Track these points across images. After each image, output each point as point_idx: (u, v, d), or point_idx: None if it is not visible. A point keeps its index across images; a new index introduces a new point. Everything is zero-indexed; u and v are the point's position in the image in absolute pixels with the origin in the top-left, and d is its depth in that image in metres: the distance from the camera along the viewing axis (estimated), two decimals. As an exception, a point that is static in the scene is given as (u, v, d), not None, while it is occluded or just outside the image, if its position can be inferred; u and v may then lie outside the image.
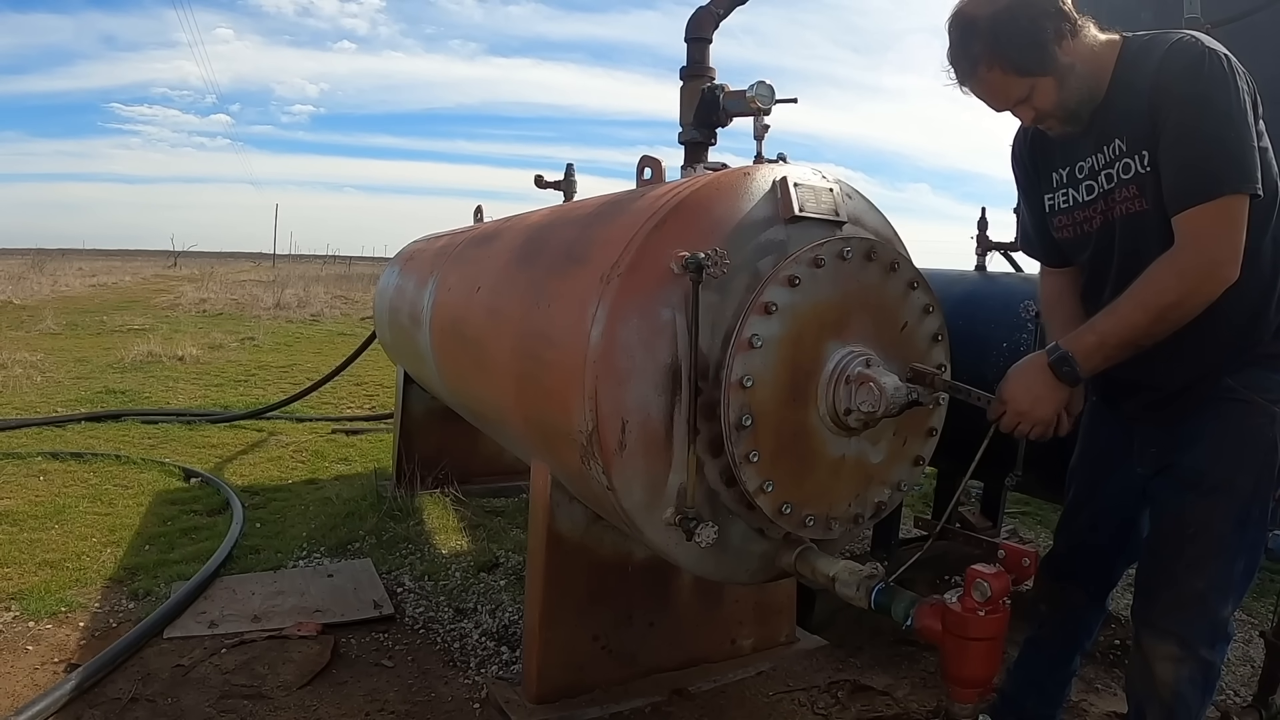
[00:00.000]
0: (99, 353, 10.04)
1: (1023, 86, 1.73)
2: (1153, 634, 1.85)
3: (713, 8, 2.79)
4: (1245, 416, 1.74)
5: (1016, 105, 1.77)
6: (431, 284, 3.52)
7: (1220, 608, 1.79)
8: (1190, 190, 1.61)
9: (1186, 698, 1.81)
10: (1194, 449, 1.79)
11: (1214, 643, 1.81)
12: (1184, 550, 1.79)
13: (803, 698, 2.63)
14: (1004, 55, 1.69)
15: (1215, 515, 1.76)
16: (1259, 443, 1.75)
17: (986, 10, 1.68)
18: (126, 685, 2.60)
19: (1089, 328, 1.74)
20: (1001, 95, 1.77)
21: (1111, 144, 1.76)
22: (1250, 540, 1.79)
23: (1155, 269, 1.65)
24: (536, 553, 2.46)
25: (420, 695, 2.65)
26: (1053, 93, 1.73)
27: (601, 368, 1.89)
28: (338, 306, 19.15)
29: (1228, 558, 1.77)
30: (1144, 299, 1.66)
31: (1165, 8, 3.99)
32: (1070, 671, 2.22)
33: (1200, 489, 1.77)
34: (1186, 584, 1.79)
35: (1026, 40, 1.66)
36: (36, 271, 25.31)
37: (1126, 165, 1.74)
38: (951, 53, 1.77)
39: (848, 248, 1.95)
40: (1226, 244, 1.60)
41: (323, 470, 5.34)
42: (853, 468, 2.05)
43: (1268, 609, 3.30)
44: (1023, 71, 1.70)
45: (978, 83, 1.77)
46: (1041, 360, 1.76)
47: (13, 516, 4.08)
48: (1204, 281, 1.62)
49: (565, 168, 4.09)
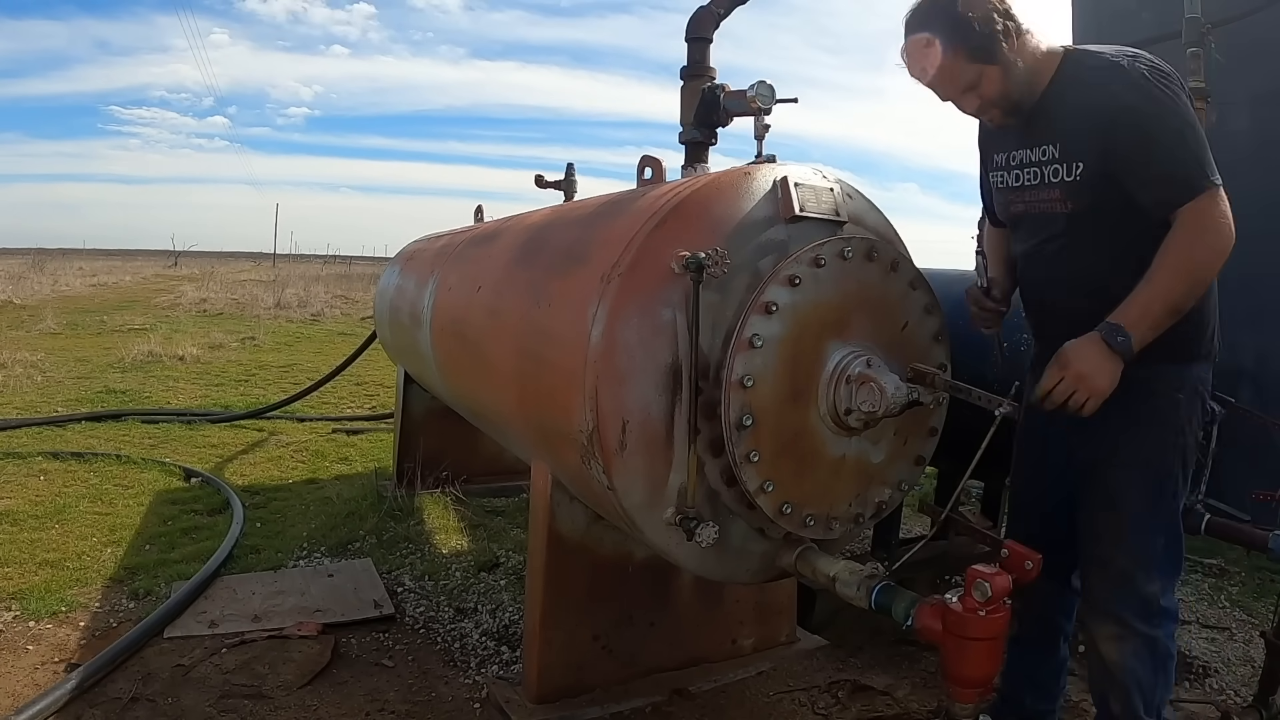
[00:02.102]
0: (99, 352, 10.04)
1: (972, 72, 1.88)
2: (1094, 615, 1.99)
3: (713, 7, 2.79)
4: (1152, 401, 1.90)
5: (964, 92, 1.92)
6: (432, 284, 3.52)
7: (1147, 583, 1.90)
8: (1174, 195, 1.76)
9: (1137, 673, 1.90)
10: (1111, 426, 1.91)
11: (1149, 618, 1.90)
12: (1106, 530, 1.95)
13: (803, 698, 2.63)
14: (963, 39, 1.84)
15: (1130, 489, 1.91)
16: (1167, 425, 1.92)
17: (942, 4, 1.86)
18: (127, 685, 2.60)
19: (1130, 302, 1.78)
20: (952, 80, 1.91)
21: (1042, 146, 1.94)
22: (1167, 515, 1.93)
23: (1174, 238, 1.76)
24: (537, 553, 2.46)
25: (420, 695, 2.65)
26: (998, 82, 1.89)
27: (602, 367, 1.89)
28: (338, 306, 19.15)
29: (1147, 533, 1.91)
30: (1176, 265, 1.76)
31: (1165, 8, 3.99)
32: (1060, 660, 2.26)
33: (1117, 463, 1.93)
34: (1112, 562, 1.94)
35: (983, 29, 1.83)
36: (37, 271, 25.31)
37: (1055, 171, 1.92)
38: (910, 36, 1.91)
39: (848, 247, 1.95)
40: (1224, 215, 1.75)
41: (323, 470, 5.34)
42: (853, 467, 2.05)
43: (1268, 609, 3.30)
44: (974, 57, 1.86)
45: (932, 65, 1.89)
46: (1094, 336, 1.79)
47: (13, 516, 4.08)
48: (1219, 235, 1.75)
49: (565, 167, 4.09)
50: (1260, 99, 4.21)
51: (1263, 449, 3.56)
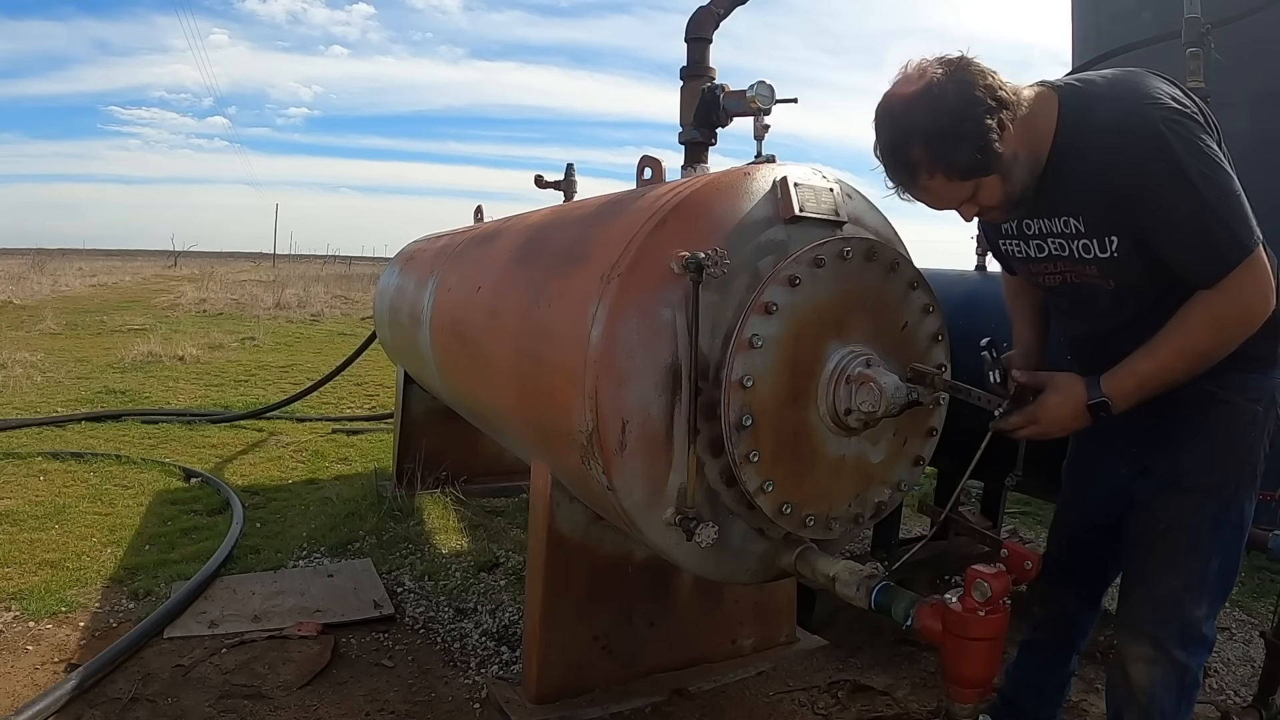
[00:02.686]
0: (99, 353, 10.04)
1: (967, 189, 1.67)
2: (1127, 634, 1.86)
3: (713, 8, 2.79)
4: (1226, 417, 1.76)
5: (960, 205, 1.73)
6: (432, 284, 3.52)
7: (1194, 608, 1.78)
8: (1209, 271, 1.61)
9: (1161, 701, 1.79)
10: (1173, 449, 1.81)
11: (1187, 644, 1.79)
12: (1156, 547, 1.81)
13: (803, 698, 2.63)
14: (948, 163, 1.62)
15: (1191, 513, 1.78)
16: (1239, 444, 1.77)
17: (924, 119, 1.59)
18: (126, 685, 2.60)
19: (1128, 372, 1.70)
20: (944, 199, 1.71)
21: (1062, 219, 1.75)
22: (1226, 541, 1.79)
23: (1191, 316, 1.64)
24: (537, 553, 2.46)
25: (420, 695, 2.65)
26: (997, 189, 1.68)
27: (602, 368, 1.89)
28: (338, 306, 19.15)
29: (1202, 557, 1.78)
30: (1182, 346, 1.66)
31: (1165, 8, 3.99)
32: (1068, 672, 2.23)
33: (1178, 488, 1.79)
34: (1160, 582, 1.80)
35: (970, 146, 1.59)
36: (36, 271, 25.30)
37: (1086, 246, 1.73)
38: (887, 160, 1.69)
39: (848, 248, 1.95)
40: (1257, 290, 1.61)
41: (323, 470, 5.34)
42: (853, 468, 2.05)
43: (1268, 609, 3.30)
44: (967, 175, 1.64)
45: (919, 190, 1.70)
46: (1081, 399, 1.73)
47: (13, 516, 4.08)
48: (1238, 325, 1.64)
49: (565, 168, 4.09)
50: (1260, 99, 4.22)
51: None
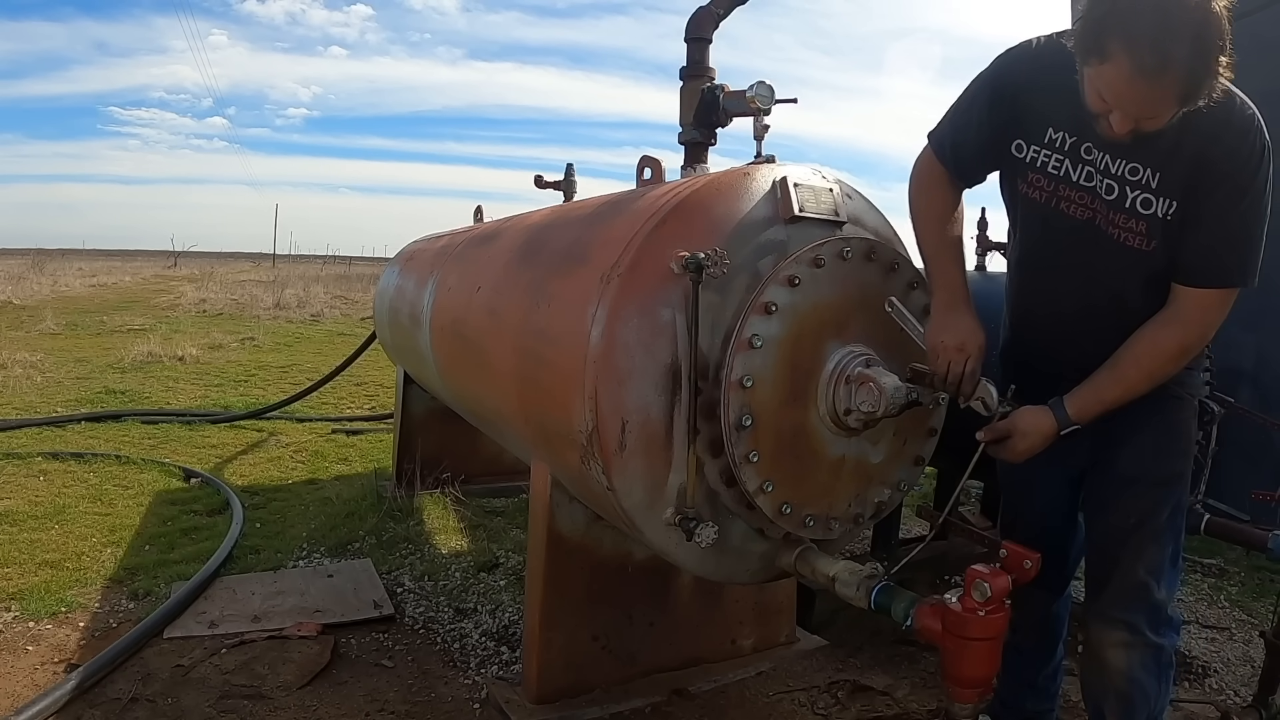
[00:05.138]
0: (99, 353, 10.04)
1: (1171, 113, 1.53)
2: (1101, 622, 1.94)
3: (713, 8, 2.79)
4: (1179, 411, 1.91)
5: (1140, 121, 1.54)
6: (431, 284, 3.52)
7: (1157, 591, 1.89)
8: (1211, 273, 1.70)
9: (1142, 683, 1.88)
10: (1134, 443, 1.89)
11: (1158, 627, 1.89)
12: (1128, 540, 1.90)
13: (803, 698, 2.63)
14: (1198, 92, 1.48)
15: (1159, 505, 1.89)
16: (1190, 435, 1.94)
17: (1214, 42, 1.45)
18: (126, 685, 2.60)
19: (1095, 399, 1.79)
20: (1137, 105, 1.51)
21: (1133, 164, 1.69)
22: (1178, 527, 1.93)
23: (1160, 340, 1.75)
24: (536, 553, 2.46)
25: (420, 695, 2.65)
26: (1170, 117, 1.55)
27: (601, 368, 1.89)
28: (338, 306, 19.14)
29: (1162, 544, 1.90)
30: (1151, 371, 1.76)
31: (1165, 8, 3.98)
32: (1057, 662, 2.26)
33: (1145, 482, 1.89)
34: (1131, 572, 1.90)
35: (1214, 80, 1.49)
36: (36, 272, 25.31)
37: (1147, 201, 1.70)
38: (1143, 47, 1.43)
39: (848, 248, 1.95)
40: (1219, 319, 1.75)
41: (323, 470, 5.33)
42: (853, 468, 2.05)
43: (1267, 609, 3.30)
44: (1186, 103, 1.50)
45: (1130, 83, 1.48)
46: (1051, 429, 1.81)
47: (13, 516, 4.08)
48: (1193, 353, 1.81)
49: (565, 168, 4.09)
50: (1261, 98, 4.21)
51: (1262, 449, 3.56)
